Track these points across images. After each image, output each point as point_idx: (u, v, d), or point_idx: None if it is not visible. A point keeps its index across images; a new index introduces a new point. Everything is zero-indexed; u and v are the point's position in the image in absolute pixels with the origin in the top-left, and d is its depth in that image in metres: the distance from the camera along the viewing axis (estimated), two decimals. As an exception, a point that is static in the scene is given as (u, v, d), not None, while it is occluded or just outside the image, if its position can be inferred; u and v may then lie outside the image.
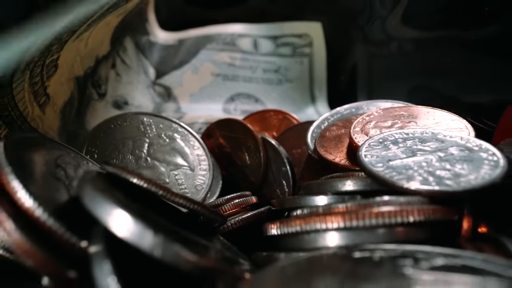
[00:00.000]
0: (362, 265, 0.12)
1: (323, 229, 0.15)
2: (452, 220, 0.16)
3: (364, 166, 0.18)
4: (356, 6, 0.37)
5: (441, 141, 0.19)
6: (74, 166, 0.18)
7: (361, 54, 0.39)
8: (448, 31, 0.31)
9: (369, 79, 0.39)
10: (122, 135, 0.25)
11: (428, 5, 0.34)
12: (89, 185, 0.13)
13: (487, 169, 0.17)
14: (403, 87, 0.35)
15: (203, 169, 0.25)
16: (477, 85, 0.28)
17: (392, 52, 0.37)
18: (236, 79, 0.39)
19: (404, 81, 0.36)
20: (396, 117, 0.24)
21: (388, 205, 0.15)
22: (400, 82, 0.36)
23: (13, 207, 0.13)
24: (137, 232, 0.12)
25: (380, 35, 0.37)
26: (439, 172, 0.17)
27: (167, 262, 0.12)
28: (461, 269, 0.11)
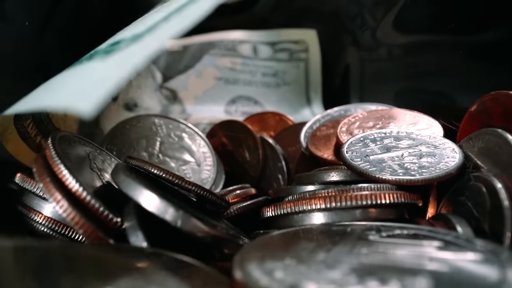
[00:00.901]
0: (335, 234, 0.16)
1: (309, 210, 0.19)
2: (417, 203, 0.20)
3: (345, 160, 0.22)
4: (348, 16, 0.41)
5: (413, 139, 0.23)
6: (101, 160, 0.22)
7: (353, 59, 0.43)
8: (435, 37, 0.35)
9: (361, 82, 0.43)
10: (136, 134, 0.29)
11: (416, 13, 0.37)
12: (122, 173, 0.17)
13: (446, 162, 0.20)
14: (391, 90, 0.39)
15: (208, 164, 0.29)
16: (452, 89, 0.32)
17: (381, 57, 0.41)
18: (237, 83, 0.43)
19: (392, 84, 0.39)
20: (378, 118, 0.28)
21: (362, 190, 0.19)
22: (388, 85, 0.40)
23: (63, 190, 0.16)
24: (162, 208, 0.15)
25: (370, 42, 0.41)
26: (407, 164, 0.21)
27: (186, 231, 0.15)
28: (411, 236, 0.15)
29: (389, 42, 0.40)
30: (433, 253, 0.13)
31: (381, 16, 0.39)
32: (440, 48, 0.35)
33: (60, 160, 0.17)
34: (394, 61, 0.40)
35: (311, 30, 0.44)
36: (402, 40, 0.39)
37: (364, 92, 0.43)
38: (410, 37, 0.38)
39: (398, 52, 0.40)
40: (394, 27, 0.38)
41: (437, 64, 0.35)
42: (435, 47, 0.35)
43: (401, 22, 0.38)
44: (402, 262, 0.12)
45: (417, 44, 0.37)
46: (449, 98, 0.33)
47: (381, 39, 0.40)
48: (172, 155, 0.28)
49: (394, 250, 0.13)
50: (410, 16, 0.37)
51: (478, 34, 0.30)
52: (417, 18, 0.37)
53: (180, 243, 0.16)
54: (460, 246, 0.14)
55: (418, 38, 0.37)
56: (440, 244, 0.14)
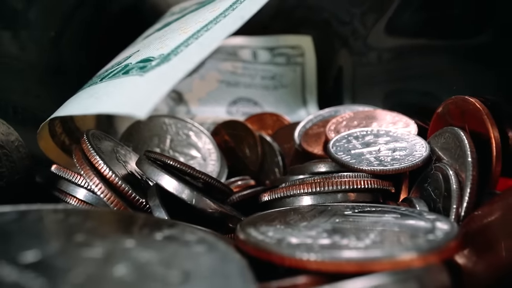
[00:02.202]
0: (318, 211, 0.20)
1: (298, 194, 0.23)
2: (389, 189, 0.24)
3: (330, 154, 0.26)
4: (341, 24, 0.46)
5: (390, 136, 0.28)
6: (123, 153, 0.26)
7: (346, 63, 0.48)
8: (421, 42, 0.39)
9: (353, 85, 0.48)
10: (149, 132, 0.33)
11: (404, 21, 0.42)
12: (147, 163, 0.21)
13: (415, 155, 0.25)
14: (380, 91, 0.44)
15: (213, 159, 0.33)
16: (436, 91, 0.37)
17: (371, 61, 0.46)
18: (237, 85, 0.48)
19: (381, 86, 0.44)
20: (363, 118, 0.32)
21: (343, 178, 0.24)
22: (377, 87, 0.45)
23: (100, 176, 0.21)
24: (180, 189, 0.20)
25: (361, 47, 0.46)
26: (382, 157, 0.25)
27: (198, 208, 0.20)
28: (377, 211, 0.20)
29: (379, 47, 0.44)
30: (390, 220, 0.18)
31: (371, 24, 0.44)
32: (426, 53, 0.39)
33: (96, 152, 0.21)
34: (383, 65, 0.45)
35: (307, 37, 0.48)
36: (390, 45, 0.43)
37: (356, 94, 0.48)
38: (398, 42, 0.42)
39: (387, 56, 0.44)
40: (384, 34, 0.43)
41: (421, 68, 0.40)
42: (421, 52, 0.40)
43: (390, 29, 0.42)
44: (362, 225, 0.17)
45: (404, 49, 0.42)
46: (431, 100, 0.38)
47: (371, 44, 0.45)
48: (181, 151, 0.33)
49: (360, 219, 0.18)
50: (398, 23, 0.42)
51: (463, 39, 0.34)
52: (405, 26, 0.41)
53: (194, 219, 0.20)
54: (412, 216, 0.18)
55: (405, 43, 0.41)
56: (397, 215, 0.19)
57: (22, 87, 0.35)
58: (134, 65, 0.19)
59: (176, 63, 0.15)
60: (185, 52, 0.16)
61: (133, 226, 0.15)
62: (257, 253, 0.14)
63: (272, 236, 0.16)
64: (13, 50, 0.34)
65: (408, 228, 0.16)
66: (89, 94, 0.19)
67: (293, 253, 0.13)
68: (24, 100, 0.34)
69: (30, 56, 0.36)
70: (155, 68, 0.16)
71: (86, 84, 0.26)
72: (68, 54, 0.42)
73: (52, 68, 0.39)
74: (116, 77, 0.18)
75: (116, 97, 0.16)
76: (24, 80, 0.35)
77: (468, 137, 0.22)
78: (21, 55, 0.35)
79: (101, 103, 0.16)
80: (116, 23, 0.45)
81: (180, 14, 0.32)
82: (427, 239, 0.14)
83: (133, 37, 0.39)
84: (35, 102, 0.35)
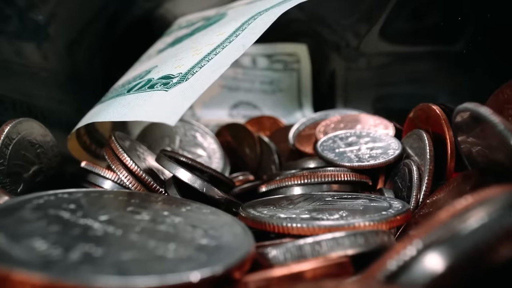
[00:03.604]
0: (305, 198, 0.26)
1: (290, 185, 0.29)
2: (367, 182, 0.30)
3: (318, 153, 0.32)
4: (334, 34, 0.51)
5: (370, 137, 0.34)
6: (141, 152, 0.32)
7: (338, 69, 0.53)
8: (408, 49, 0.45)
9: (345, 89, 0.54)
10: (161, 133, 0.39)
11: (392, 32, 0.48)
12: (165, 158, 0.27)
13: (388, 153, 0.31)
14: (369, 96, 0.50)
15: (217, 157, 0.39)
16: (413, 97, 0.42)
17: (361, 68, 0.51)
18: (238, 90, 0.53)
19: (369, 91, 0.50)
20: (348, 121, 0.38)
21: (327, 172, 0.29)
22: (366, 92, 0.50)
23: (127, 169, 0.27)
24: (193, 179, 0.26)
25: (352, 55, 0.51)
26: (361, 155, 0.31)
27: (208, 195, 0.26)
28: (352, 198, 0.25)
29: (368, 54, 0.50)
30: (359, 203, 0.23)
31: (361, 34, 0.50)
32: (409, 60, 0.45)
33: (123, 150, 0.27)
34: (371, 71, 0.50)
35: (303, 45, 0.54)
36: (378, 52, 0.49)
37: (348, 97, 0.53)
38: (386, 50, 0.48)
39: (375, 63, 0.50)
40: (372, 42, 0.49)
41: (405, 74, 0.45)
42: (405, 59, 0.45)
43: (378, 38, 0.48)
44: (336, 207, 0.22)
45: (390, 57, 0.47)
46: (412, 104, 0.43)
47: (361, 52, 0.51)
48: (188, 150, 0.39)
49: (336, 203, 0.24)
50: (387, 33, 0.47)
51: (446, 46, 0.39)
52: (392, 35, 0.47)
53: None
54: (377, 201, 0.24)
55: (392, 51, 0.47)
56: (366, 200, 0.24)
57: (48, 93, 0.40)
58: (157, 80, 0.24)
59: (194, 83, 0.21)
60: (200, 73, 0.22)
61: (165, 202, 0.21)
62: (254, 224, 0.20)
63: (266, 213, 0.21)
64: (37, 60, 0.40)
65: (370, 208, 0.22)
66: (121, 104, 0.25)
67: (281, 223, 0.19)
68: (50, 105, 0.40)
69: (51, 65, 0.41)
70: (177, 85, 0.22)
71: (110, 93, 0.32)
72: (83, 63, 0.47)
73: (70, 76, 0.45)
74: (142, 90, 0.24)
75: (148, 108, 0.21)
76: (48, 88, 0.41)
77: (429, 138, 0.28)
78: (45, 64, 0.40)
79: (135, 112, 0.22)
80: (127, 34, 0.50)
81: (189, 30, 0.37)
82: (381, 214, 0.20)
83: (142, 47, 0.45)
84: (59, 107, 0.41)
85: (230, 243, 0.15)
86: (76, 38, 0.45)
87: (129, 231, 0.15)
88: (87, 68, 0.48)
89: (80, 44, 0.46)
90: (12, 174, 0.26)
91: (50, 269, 0.11)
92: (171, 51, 0.31)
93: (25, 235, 0.13)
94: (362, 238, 0.17)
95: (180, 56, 0.27)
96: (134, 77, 0.30)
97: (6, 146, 0.26)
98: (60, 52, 0.43)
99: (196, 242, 0.15)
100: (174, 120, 0.19)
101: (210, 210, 0.20)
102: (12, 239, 0.12)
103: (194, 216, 0.18)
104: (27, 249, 0.12)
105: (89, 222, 0.15)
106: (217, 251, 0.14)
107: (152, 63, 0.31)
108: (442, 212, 0.13)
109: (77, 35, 0.46)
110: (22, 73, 0.38)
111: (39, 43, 0.40)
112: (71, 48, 0.44)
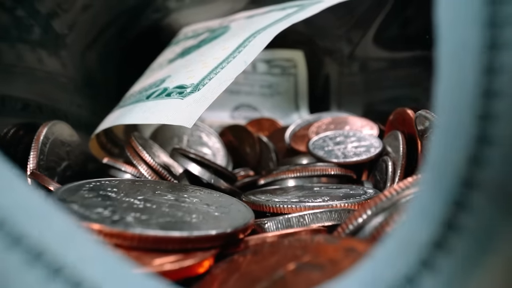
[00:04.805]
0: (291, 188, 0.32)
1: (285, 178, 0.34)
2: (351, 176, 0.36)
3: (309, 151, 0.38)
4: (328, 42, 0.57)
5: (356, 137, 0.39)
6: (155, 149, 0.38)
7: (332, 74, 0.59)
8: (397, 55, 0.51)
9: (339, 93, 0.59)
10: (170, 134, 0.45)
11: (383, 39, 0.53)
12: (178, 155, 0.33)
13: (370, 151, 0.36)
14: (359, 99, 0.55)
15: (221, 155, 0.45)
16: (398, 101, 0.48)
17: (353, 72, 0.57)
18: (239, 93, 0.59)
19: (360, 95, 0.56)
20: (338, 123, 0.44)
21: (316, 167, 0.35)
22: (358, 96, 0.56)
23: (145, 163, 0.32)
24: (202, 172, 0.31)
25: (345, 60, 0.57)
26: (347, 153, 0.37)
27: (215, 186, 0.31)
28: (336, 188, 0.31)
29: (359, 60, 0.56)
30: (341, 191, 0.29)
31: (354, 41, 0.55)
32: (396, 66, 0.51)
33: (143, 148, 0.33)
34: (363, 76, 0.56)
35: (299, 51, 0.60)
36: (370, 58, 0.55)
37: (341, 100, 0.59)
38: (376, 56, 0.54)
39: (367, 68, 0.56)
40: (364, 50, 0.54)
41: (392, 79, 0.51)
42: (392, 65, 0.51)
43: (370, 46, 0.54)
44: (321, 194, 0.28)
45: (381, 62, 0.53)
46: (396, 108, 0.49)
47: (354, 57, 0.56)
48: (195, 148, 0.44)
49: (322, 191, 0.29)
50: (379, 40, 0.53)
51: (428, 51, 0.45)
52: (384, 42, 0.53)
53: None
54: (356, 190, 0.30)
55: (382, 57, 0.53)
56: (348, 190, 0.30)
57: (68, 98, 0.46)
58: (173, 89, 0.30)
59: (205, 93, 0.27)
60: (210, 84, 0.28)
61: (183, 188, 0.27)
62: (254, 207, 0.26)
63: (263, 198, 0.27)
64: (57, 67, 0.45)
65: (349, 194, 0.28)
66: (142, 109, 0.30)
67: (275, 204, 0.25)
68: (71, 108, 0.46)
69: (69, 72, 0.47)
70: (190, 95, 0.27)
71: (129, 99, 0.38)
72: (97, 69, 0.53)
73: (86, 82, 0.50)
74: (160, 97, 0.30)
75: (168, 113, 0.27)
76: (68, 92, 0.46)
77: (403, 138, 0.34)
78: (63, 71, 0.46)
79: (156, 116, 0.28)
80: (136, 42, 0.56)
81: (196, 41, 0.43)
82: (354, 198, 0.26)
83: (150, 53, 0.51)
84: (78, 110, 0.47)
85: (236, 215, 0.21)
86: (90, 46, 0.51)
87: (161, 206, 0.20)
88: (101, 74, 0.54)
89: (94, 51, 0.52)
90: (49, 169, 0.32)
91: (117, 225, 0.17)
92: (181, 62, 0.37)
93: (91, 206, 0.19)
94: (336, 214, 0.22)
95: (190, 68, 0.33)
96: (150, 84, 0.36)
97: (45, 144, 0.32)
98: (76, 59, 0.49)
99: (211, 214, 0.20)
100: (191, 123, 0.25)
101: (219, 194, 0.25)
102: (84, 208, 0.18)
103: (207, 197, 0.24)
104: (96, 214, 0.18)
105: (131, 200, 0.21)
106: (227, 219, 0.20)
107: (165, 73, 0.37)
108: (387, 189, 0.19)
109: (91, 43, 0.51)
110: (45, 79, 0.44)
111: (59, 51, 0.46)
112: (85, 55, 0.50)
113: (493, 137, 0.09)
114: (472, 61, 0.09)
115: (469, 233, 0.09)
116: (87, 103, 0.48)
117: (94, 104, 0.51)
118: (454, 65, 0.10)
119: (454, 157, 0.09)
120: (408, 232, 0.10)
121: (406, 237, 0.10)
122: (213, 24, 0.48)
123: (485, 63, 0.09)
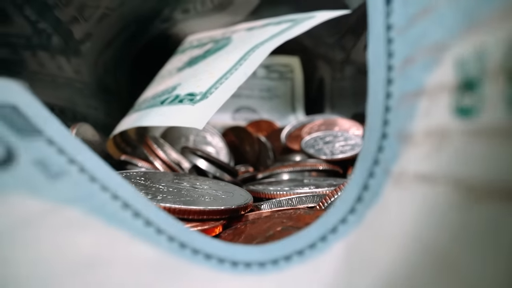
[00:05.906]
0: (285, 180, 0.38)
1: (280, 172, 0.41)
2: (338, 171, 0.42)
3: (302, 149, 0.44)
4: (322, 48, 0.64)
5: (343, 136, 0.46)
6: (166, 148, 0.45)
7: (326, 78, 0.66)
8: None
9: (332, 96, 0.66)
10: (178, 134, 0.51)
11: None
12: (189, 152, 0.39)
13: (356, 149, 0.43)
14: (350, 102, 0.62)
15: (223, 153, 0.51)
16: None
17: (345, 77, 0.64)
18: (240, 96, 0.66)
19: (350, 98, 0.62)
20: (329, 124, 0.50)
21: (307, 162, 0.42)
22: (349, 99, 0.63)
23: (160, 159, 0.39)
24: (209, 167, 0.38)
25: (337, 65, 0.64)
26: (334, 150, 0.44)
27: (219, 179, 0.38)
28: (322, 181, 0.38)
29: (353, 64, 0.63)
30: (326, 182, 0.36)
31: (347, 47, 0.62)
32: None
33: (157, 146, 0.40)
34: (355, 80, 0.63)
35: (295, 57, 0.67)
36: (363, 63, 0.61)
37: (334, 103, 0.66)
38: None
39: (359, 73, 0.62)
40: (357, 55, 0.61)
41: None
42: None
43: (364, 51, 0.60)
44: (308, 184, 0.35)
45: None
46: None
47: (347, 63, 0.63)
48: (200, 147, 0.51)
49: (309, 182, 0.36)
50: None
51: None
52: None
53: (217, 185, 0.38)
54: (339, 181, 0.36)
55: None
56: (332, 181, 0.37)
57: (85, 102, 0.53)
58: (184, 96, 0.37)
59: (212, 100, 0.33)
60: (216, 93, 0.34)
61: (195, 178, 0.33)
62: (252, 194, 0.32)
63: (260, 187, 0.34)
64: (71, 73, 0.52)
65: (331, 184, 0.34)
66: (158, 113, 0.37)
67: (270, 191, 0.31)
68: (88, 111, 0.53)
69: (84, 78, 0.54)
70: (200, 102, 0.34)
71: (143, 103, 0.44)
72: (109, 75, 0.60)
73: (100, 87, 0.57)
74: (174, 103, 0.36)
75: (182, 117, 0.33)
76: (85, 97, 0.53)
77: (382, 137, 0.40)
78: (78, 77, 0.53)
79: (171, 119, 0.34)
80: (145, 50, 0.63)
81: (201, 51, 0.50)
82: (334, 187, 0.32)
83: (158, 60, 0.58)
84: (95, 113, 0.54)
85: (238, 197, 0.28)
86: (103, 53, 0.58)
87: (181, 191, 0.27)
88: (113, 80, 0.60)
89: (106, 58, 0.59)
90: (78, 164, 0.39)
91: (152, 201, 0.23)
92: (189, 71, 0.44)
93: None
94: (318, 198, 0.29)
95: (198, 77, 0.39)
96: (162, 91, 0.43)
97: (74, 143, 0.39)
98: (91, 66, 0.55)
99: (219, 196, 0.27)
100: (202, 125, 0.31)
101: (224, 183, 0.32)
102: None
103: (215, 185, 0.31)
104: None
105: (156, 185, 0.27)
106: (231, 199, 0.27)
107: (175, 81, 0.43)
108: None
109: (103, 51, 0.58)
110: (65, 85, 0.51)
111: (75, 58, 0.52)
112: (98, 62, 0.57)
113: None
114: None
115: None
116: (102, 106, 0.55)
117: (108, 107, 0.57)
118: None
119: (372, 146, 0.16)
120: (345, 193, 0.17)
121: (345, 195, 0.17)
122: (216, 34, 0.55)
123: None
